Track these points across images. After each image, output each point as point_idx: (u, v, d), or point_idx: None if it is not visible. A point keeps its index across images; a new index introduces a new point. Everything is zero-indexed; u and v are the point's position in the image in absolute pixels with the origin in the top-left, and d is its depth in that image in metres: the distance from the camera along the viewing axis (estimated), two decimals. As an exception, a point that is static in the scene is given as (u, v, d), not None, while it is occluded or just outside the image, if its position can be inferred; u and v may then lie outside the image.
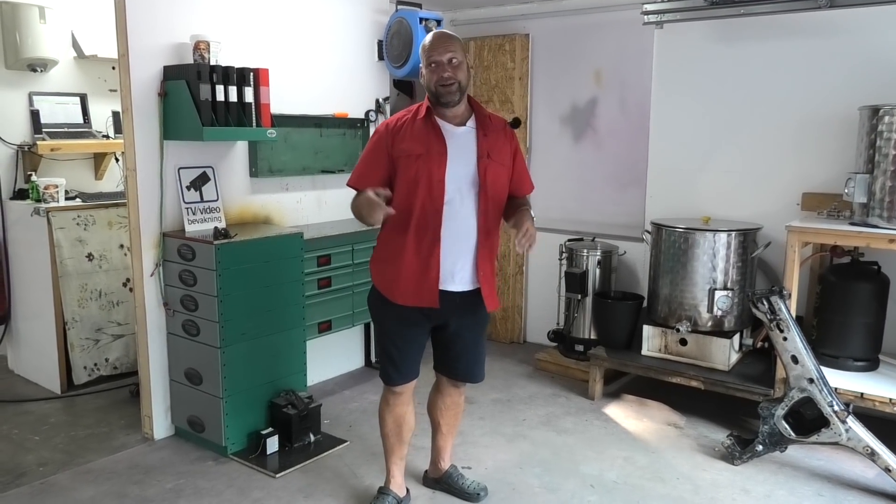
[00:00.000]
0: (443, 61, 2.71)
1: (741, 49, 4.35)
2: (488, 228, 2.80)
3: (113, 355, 4.50)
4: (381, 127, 2.87)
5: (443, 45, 2.73)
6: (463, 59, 2.75)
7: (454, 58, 2.71)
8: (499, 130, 2.86)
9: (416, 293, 2.79)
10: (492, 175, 2.78)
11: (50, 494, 3.21)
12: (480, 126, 2.82)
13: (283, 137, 4.05)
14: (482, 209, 2.77)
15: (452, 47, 2.73)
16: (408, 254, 2.78)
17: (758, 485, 3.35)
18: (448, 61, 2.70)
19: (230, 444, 3.55)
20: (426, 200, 2.73)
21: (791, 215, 4.05)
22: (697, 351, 4.08)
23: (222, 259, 3.39)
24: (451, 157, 2.74)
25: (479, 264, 2.81)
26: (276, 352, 3.70)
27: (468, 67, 2.80)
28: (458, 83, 2.72)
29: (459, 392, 3.14)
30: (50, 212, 4.20)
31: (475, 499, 3.18)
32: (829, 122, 4.07)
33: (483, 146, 2.78)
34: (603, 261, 4.66)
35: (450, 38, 2.77)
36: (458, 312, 2.87)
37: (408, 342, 2.92)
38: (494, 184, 2.79)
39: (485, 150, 2.78)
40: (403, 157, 2.75)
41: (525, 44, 5.22)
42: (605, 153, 5.08)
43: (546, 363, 4.82)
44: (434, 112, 2.78)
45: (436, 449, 3.25)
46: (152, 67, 3.52)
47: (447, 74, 2.69)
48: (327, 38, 4.40)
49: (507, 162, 2.86)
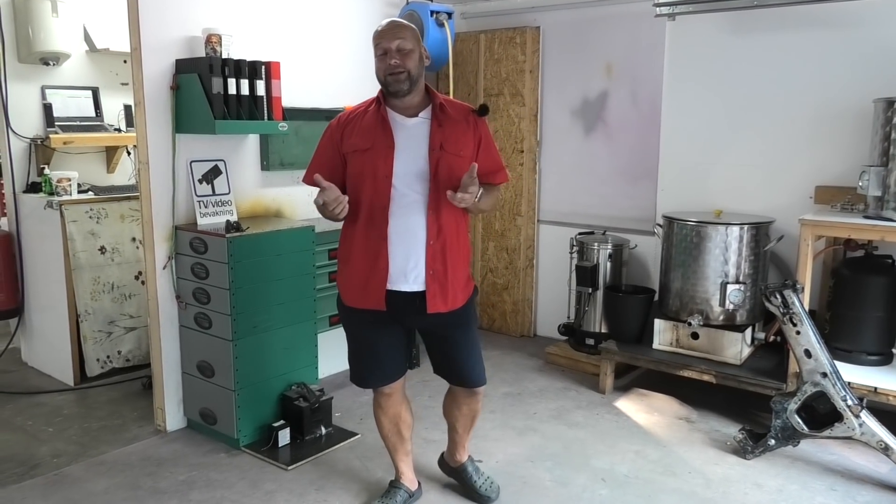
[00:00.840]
0: (391, 48, 2.59)
1: (754, 41, 4.32)
2: (440, 224, 2.67)
3: (125, 348, 4.52)
4: (333, 121, 2.80)
5: (391, 32, 2.61)
6: (414, 48, 2.62)
7: (403, 45, 2.60)
8: (459, 120, 2.71)
9: (362, 294, 2.73)
10: (445, 168, 2.64)
11: (64, 486, 3.24)
12: (435, 116, 2.69)
13: (294, 130, 4.05)
14: (433, 205, 2.65)
15: (402, 34, 2.62)
16: (356, 253, 2.72)
17: (770, 479, 3.34)
18: (397, 49, 2.59)
19: (242, 437, 3.57)
20: (373, 196, 2.65)
21: (804, 209, 4.03)
22: (709, 345, 4.06)
23: (234, 252, 3.40)
24: (399, 150, 2.65)
25: (429, 262, 2.67)
26: (288, 345, 3.71)
27: (422, 56, 2.67)
28: (408, 72, 2.60)
29: (473, 397, 2.97)
30: (63, 205, 4.23)
31: (485, 501, 3.13)
32: (842, 114, 4.03)
33: (436, 137, 2.65)
34: (614, 254, 4.65)
35: (399, 26, 2.65)
36: (422, 314, 2.72)
37: (379, 343, 2.84)
38: (449, 177, 2.62)
39: (438, 142, 2.65)
40: (351, 152, 2.69)
41: (536, 36, 5.20)
42: (616, 146, 5.06)
43: (556, 357, 4.82)
44: (385, 103, 2.69)
45: (452, 442, 3.19)
46: (164, 61, 3.53)
47: (394, 62, 2.57)
48: (338, 31, 4.40)
49: (465, 153, 2.68)
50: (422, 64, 2.68)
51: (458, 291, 2.77)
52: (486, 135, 2.78)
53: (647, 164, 4.86)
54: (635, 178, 4.98)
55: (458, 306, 2.78)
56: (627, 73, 4.95)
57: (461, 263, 2.78)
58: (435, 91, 2.78)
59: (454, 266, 2.73)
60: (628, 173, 5.02)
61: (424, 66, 2.70)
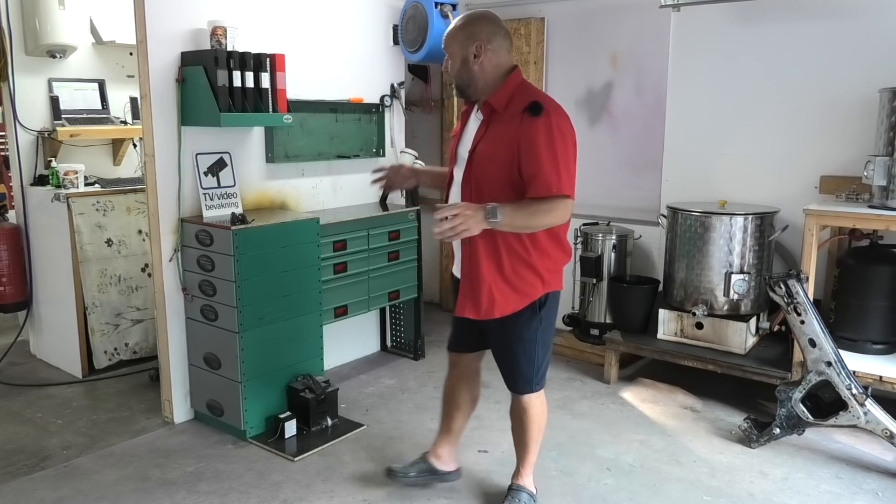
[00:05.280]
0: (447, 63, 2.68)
1: (759, 31, 4.31)
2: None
3: (132, 340, 4.55)
4: None
5: (444, 44, 2.68)
6: (456, 51, 2.60)
7: (447, 52, 2.67)
8: (507, 119, 2.56)
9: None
10: (476, 171, 2.58)
11: (74, 477, 3.26)
12: (484, 114, 2.64)
13: (298, 123, 4.06)
14: (465, 196, 2.60)
15: (445, 42, 2.67)
16: None
17: (775, 468, 3.35)
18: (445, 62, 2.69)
19: (249, 428, 3.59)
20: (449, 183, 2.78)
21: (809, 198, 4.03)
22: (714, 335, 4.07)
23: (240, 244, 3.42)
24: (459, 148, 2.70)
25: (464, 267, 2.65)
26: (294, 336, 3.73)
27: (467, 58, 2.59)
28: (455, 82, 2.68)
29: (514, 401, 2.89)
30: (70, 197, 4.24)
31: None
32: (848, 104, 4.02)
33: (479, 133, 2.61)
34: (618, 245, 4.65)
35: (447, 33, 2.68)
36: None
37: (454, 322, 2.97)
38: (479, 174, 2.58)
39: (479, 137, 2.60)
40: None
41: (540, 28, 5.19)
42: (621, 137, 5.06)
43: (562, 347, 4.83)
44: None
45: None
46: (170, 53, 3.54)
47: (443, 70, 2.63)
48: (343, 23, 4.39)
49: (501, 156, 2.53)
50: (474, 64, 2.58)
51: (495, 303, 2.63)
52: (531, 137, 2.48)
53: (651, 154, 4.86)
54: (640, 168, 4.98)
55: (494, 317, 2.65)
56: (632, 63, 4.94)
57: (508, 272, 2.61)
58: (517, 83, 2.63)
59: (495, 274, 2.60)
60: (633, 164, 5.02)
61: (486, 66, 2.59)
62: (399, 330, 4.90)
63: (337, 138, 4.40)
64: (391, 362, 4.73)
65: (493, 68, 2.60)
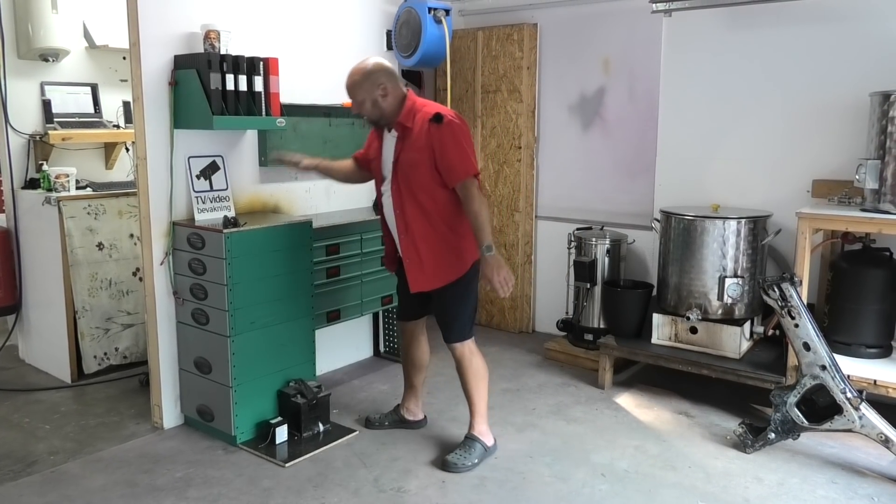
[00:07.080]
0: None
1: (750, 36, 4.32)
2: (407, 221, 3.23)
3: (123, 344, 4.51)
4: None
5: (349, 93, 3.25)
6: (364, 98, 3.19)
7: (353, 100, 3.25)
8: (419, 130, 3.17)
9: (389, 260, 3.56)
10: (402, 170, 3.22)
11: (61, 483, 3.22)
12: (399, 131, 3.25)
13: (292, 127, 4.05)
14: (397, 204, 3.26)
15: (350, 93, 3.24)
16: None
17: (770, 473, 3.34)
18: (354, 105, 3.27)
19: (239, 434, 3.56)
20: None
21: (801, 202, 4.03)
22: (708, 339, 4.06)
23: (232, 248, 3.40)
24: (382, 160, 3.35)
25: (404, 252, 3.31)
26: (285, 341, 3.70)
27: (376, 99, 3.19)
28: (368, 117, 3.27)
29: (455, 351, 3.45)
30: (61, 201, 4.21)
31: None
32: (839, 108, 4.04)
33: (398, 147, 3.24)
34: (612, 249, 4.64)
35: (348, 84, 3.23)
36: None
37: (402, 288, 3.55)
38: (405, 178, 3.21)
39: (397, 153, 3.23)
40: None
41: (533, 33, 5.20)
42: (614, 142, 5.06)
43: (555, 352, 4.81)
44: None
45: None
46: (163, 57, 3.52)
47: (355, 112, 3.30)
48: (336, 27, 4.39)
49: (419, 156, 3.17)
50: (383, 102, 3.20)
51: (440, 273, 3.29)
52: (442, 140, 3.14)
53: (644, 159, 4.86)
54: (633, 173, 4.98)
55: (440, 286, 3.31)
56: (625, 68, 4.95)
57: (442, 251, 3.27)
58: (412, 103, 3.24)
59: (433, 254, 3.26)
60: (626, 168, 5.02)
61: (391, 100, 3.20)
62: (392, 335, 4.87)
63: (330, 142, 4.38)
64: (384, 368, 4.70)
65: (395, 99, 3.23)
